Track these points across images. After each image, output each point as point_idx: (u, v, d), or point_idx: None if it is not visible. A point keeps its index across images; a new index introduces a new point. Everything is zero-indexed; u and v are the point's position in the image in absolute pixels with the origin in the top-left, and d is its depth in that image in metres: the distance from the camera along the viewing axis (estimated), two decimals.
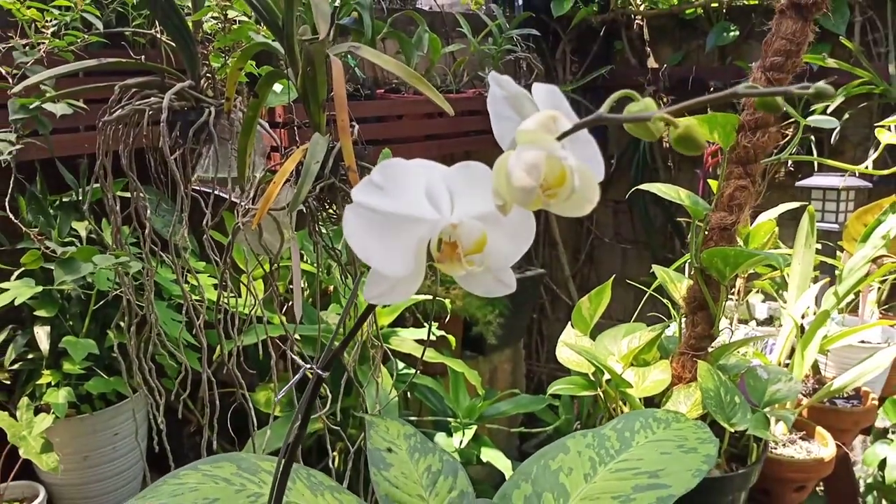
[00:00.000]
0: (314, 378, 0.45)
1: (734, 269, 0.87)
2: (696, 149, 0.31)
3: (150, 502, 0.58)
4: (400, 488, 0.73)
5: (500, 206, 0.33)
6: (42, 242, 1.07)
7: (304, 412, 0.45)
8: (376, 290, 0.36)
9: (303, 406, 0.46)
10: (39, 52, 1.14)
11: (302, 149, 0.83)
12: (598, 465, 0.73)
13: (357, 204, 0.35)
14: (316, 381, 0.45)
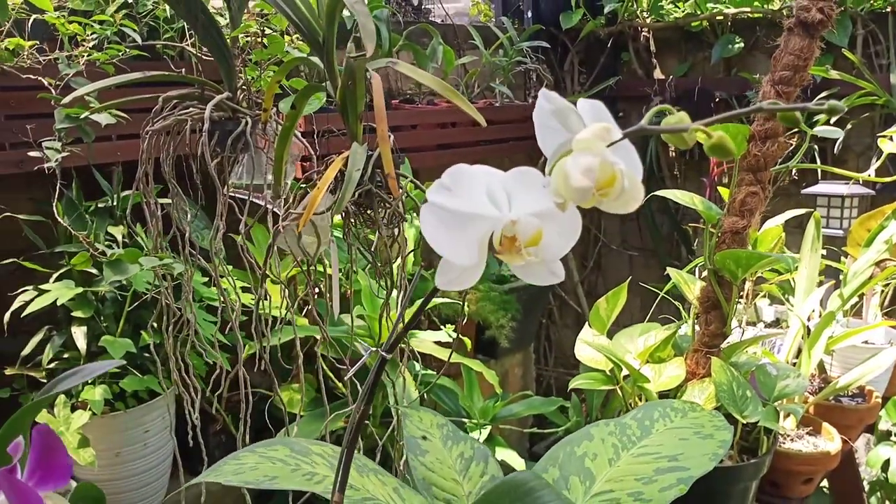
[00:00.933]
0: (378, 360, 0.51)
1: (746, 271, 0.92)
2: (727, 154, 0.37)
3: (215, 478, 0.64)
4: (436, 472, 0.79)
5: (559, 204, 0.38)
6: (91, 245, 1.12)
7: (370, 390, 0.51)
8: (446, 277, 0.42)
9: (368, 385, 0.51)
10: (81, 65, 1.20)
11: (341, 157, 0.89)
12: (621, 450, 0.78)
13: (430, 203, 0.41)
14: (380, 363, 0.51)
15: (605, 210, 0.40)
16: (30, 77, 1.25)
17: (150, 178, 1.08)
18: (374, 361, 0.51)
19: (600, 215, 2.89)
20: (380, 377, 0.51)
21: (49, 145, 1.10)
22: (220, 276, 1.17)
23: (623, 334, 1.12)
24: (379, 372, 0.51)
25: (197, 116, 1.07)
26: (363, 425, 1.31)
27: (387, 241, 0.93)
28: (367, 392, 0.51)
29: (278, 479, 0.63)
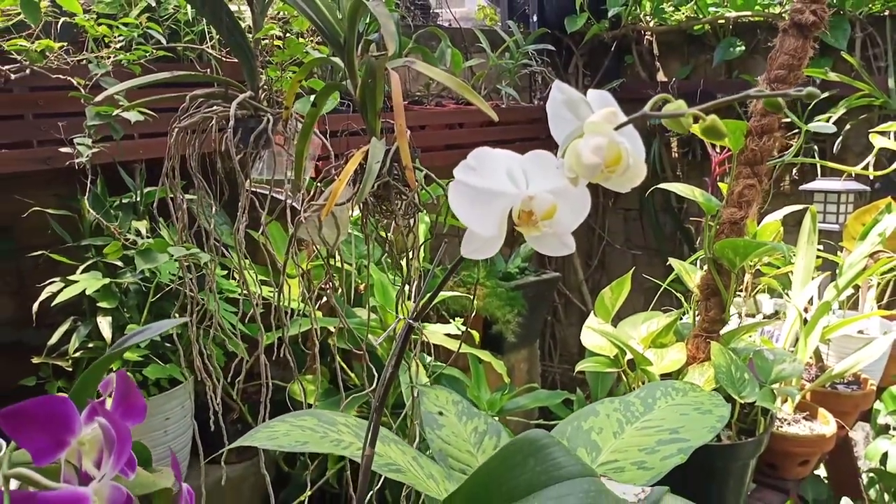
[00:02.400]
0: (406, 327, 0.56)
1: (744, 259, 0.97)
2: (720, 136, 0.42)
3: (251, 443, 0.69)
4: (451, 445, 0.84)
5: (571, 179, 0.44)
6: (122, 235, 1.18)
7: (400, 354, 0.56)
8: (471, 246, 0.47)
9: (396, 351, 0.56)
10: (109, 65, 1.26)
11: (361, 151, 0.94)
12: (626, 424, 0.83)
13: (457, 181, 0.46)
14: (407, 330, 0.56)
15: (611, 186, 0.45)
16: (59, 77, 1.30)
17: (176, 171, 1.14)
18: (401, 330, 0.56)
19: (605, 215, 2.94)
20: (407, 343, 0.57)
21: (80, 141, 1.15)
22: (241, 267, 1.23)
23: (626, 322, 1.17)
24: (406, 338, 0.56)
25: (222, 114, 1.13)
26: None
27: (403, 231, 0.98)
28: (397, 355, 0.56)
29: (309, 444, 0.68)
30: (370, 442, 0.57)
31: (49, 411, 0.36)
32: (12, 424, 0.35)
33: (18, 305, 1.63)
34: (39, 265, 1.59)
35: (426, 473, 0.74)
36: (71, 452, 0.37)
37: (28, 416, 0.35)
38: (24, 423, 0.35)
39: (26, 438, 0.35)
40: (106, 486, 0.35)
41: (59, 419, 0.36)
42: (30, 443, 0.35)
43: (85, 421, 0.37)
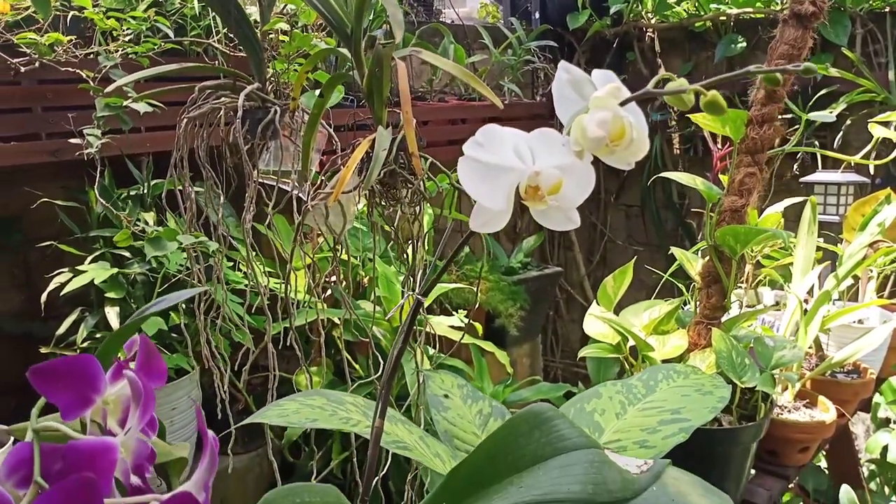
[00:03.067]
0: (415, 302, 0.58)
1: (745, 246, 0.98)
2: (720, 111, 0.44)
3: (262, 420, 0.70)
4: (457, 426, 0.85)
5: (577, 152, 0.45)
6: (132, 224, 1.20)
7: (409, 329, 0.58)
8: (480, 220, 0.49)
9: (405, 326, 0.58)
10: (118, 58, 1.27)
11: (367, 140, 0.96)
12: (628, 405, 0.84)
13: (466, 156, 0.48)
14: (416, 305, 0.58)
15: (615, 161, 0.47)
16: (68, 70, 1.32)
17: (185, 162, 1.15)
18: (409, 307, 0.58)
19: (607, 211, 2.95)
20: (416, 318, 0.58)
21: (90, 132, 1.17)
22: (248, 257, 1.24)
23: (628, 311, 1.18)
24: (415, 314, 0.58)
25: (230, 105, 1.14)
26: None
27: (409, 219, 1.00)
28: (406, 330, 0.58)
29: (318, 421, 0.70)
30: (380, 413, 0.59)
31: (76, 369, 0.37)
32: (42, 381, 0.36)
33: (26, 298, 1.65)
34: (46, 258, 1.61)
35: (433, 452, 0.76)
36: (96, 411, 0.39)
37: (56, 374, 0.37)
38: (53, 380, 0.37)
39: (55, 394, 0.37)
40: (132, 439, 0.36)
41: (85, 377, 0.37)
42: (58, 398, 0.37)
43: (110, 381, 0.39)
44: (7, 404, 1.53)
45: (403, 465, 1.71)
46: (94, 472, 0.31)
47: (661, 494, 0.59)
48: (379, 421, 0.59)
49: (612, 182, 2.93)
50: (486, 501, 0.56)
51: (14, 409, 1.53)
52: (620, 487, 0.57)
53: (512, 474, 0.57)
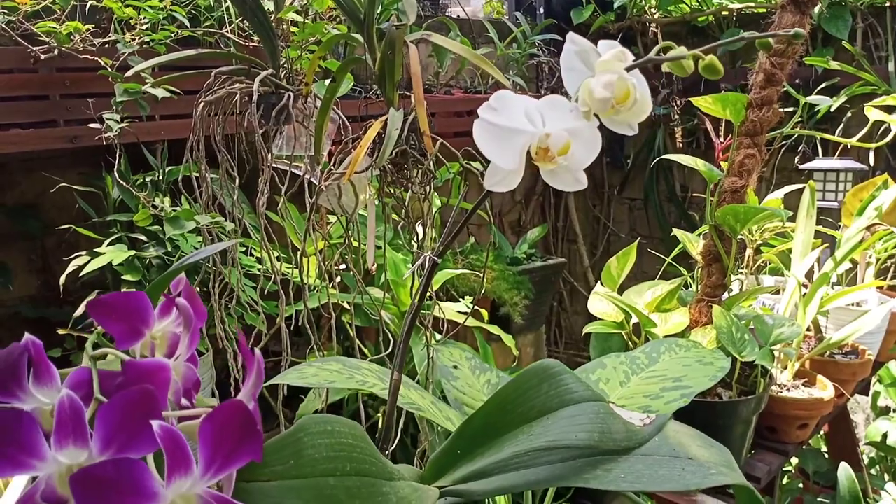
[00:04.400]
0: (430, 263, 0.61)
1: (744, 225, 1.02)
2: (717, 74, 0.47)
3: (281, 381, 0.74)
4: (466, 394, 0.89)
5: (585, 113, 0.49)
6: (150, 204, 1.23)
7: (426, 285, 0.61)
8: (493, 179, 0.52)
9: (421, 286, 0.61)
10: (136, 45, 1.31)
11: (379, 121, 1.00)
12: (631, 375, 0.88)
13: (481, 119, 0.51)
14: (431, 266, 0.61)
15: (618, 125, 0.50)
16: (86, 58, 1.36)
17: (201, 145, 1.19)
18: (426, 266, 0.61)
19: (610, 205, 2.98)
20: (431, 279, 0.62)
21: (109, 117, 1.21)
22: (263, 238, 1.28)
23: (632, 291, 1.22)
24: (430, 274, 0.61)
25: (245, 90, 1.18)
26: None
27: (419, 197, 1.03)
28: (423, 287, 0.61)
29: (336, 382, 0.74)
30: (398, 367, 0.62)
31: (128, 303, 0.41)
32: (98, 312, 0.40)
33: (43, 283, 1.69)
34: (62, 244, 1.65)
35: (444, 416, 0.79)
36: (144, 345, 0.42)
37: (111, 306, 0.40)
38: (108, 312, 0.40)
39: (110, 325, 0.40)
40: (181, 365, 0.40)
41: (136, 311, 0.41)
42: (113, 329, 0.40)
43: (158, 317, 0.42)
44: None
45: (409, 450, 1.74)
46: (152, 386, 0.35)
47: (663, 445, 0.62)
48: (397, 374, 0.62)
49: (615, 176, 2.96)
50: (498, 448, 0.60)
51: None
52: (625, 437, 0.60)
53: (522, 424, 0.61)
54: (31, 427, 0.32)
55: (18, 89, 1.41)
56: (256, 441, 0.33)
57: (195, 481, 0.32)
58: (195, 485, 0.32)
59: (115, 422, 0.33)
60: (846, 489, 1.25)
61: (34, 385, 0.37)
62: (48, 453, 0.33)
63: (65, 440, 0.33)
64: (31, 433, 0.32)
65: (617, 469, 0.59)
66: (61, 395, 0.33)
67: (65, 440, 0.33)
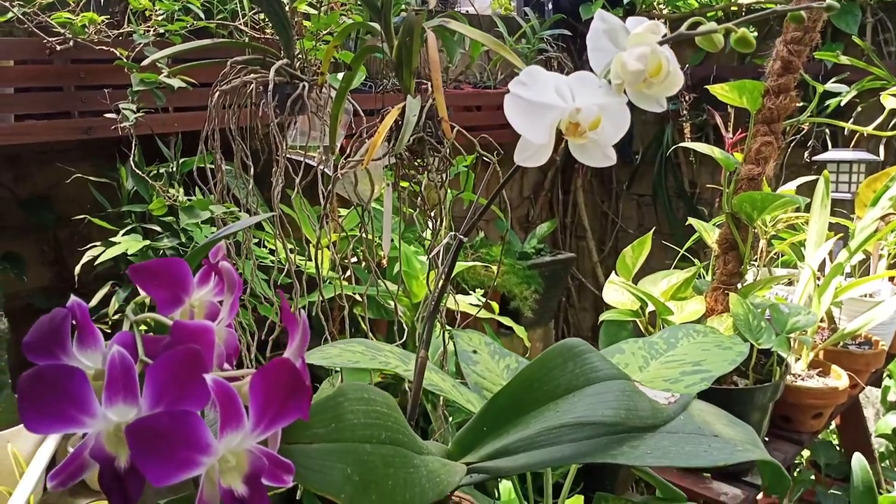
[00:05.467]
0: (456, 242, 0.61)
1: (761, 212, 1.02)
2: (750, 46, 0.47)
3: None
4: (486, 379, 0.89)
5: (617, 86, 0.49)
6: (166, 193, 1.24)
7: (451, 265, 0.61)
8: (523, 154, 0.53)
9: (447, 265, 0.62)
10: (151, 36, 1.32)
11: (396, 108, 1.00)
12: (650, 359, 0.88)
13: (512, 94, 0.52)
14: (457, 245, 0.61)
15: (649, 99, 0.51)
16: (102, 48, 1.36)
17: (216, 134, 1.19)
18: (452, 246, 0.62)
19: (619, 201, 2.99)
20: (457, 257, 0.62)
21: (126, 106, 1.21)
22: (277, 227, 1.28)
23: (646, 280, 1.22)
24: (456, 253, 0.62)
25: (260, 80, 1.19)
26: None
27: (436, 186, 1.04)
28: (448, 267, 0.61)
29: (360, 363, 0.74)
30: (424, 345, 0.63)
31: (169, 270, 0.41)
32: (141, 277, 0.40)
33: (56, 274, 1.70)
34: (75, 235, 1.66)
35: (465, 399, 0.80)
36: (184, 312, 0.43)
37: (152, 272, 0.41)
38: (150, 277, 0.41)
39: (152, 290, 0.41)
40: (223, 330, 0.40)
41: (177, 278, 0.41)
42: (155, 294, 0.40)
43: (197, 285, 0.43)
44: None
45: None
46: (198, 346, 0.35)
47: (688, 423, 0.62)
48: (423, 352, 0.62)
49: (624, 171, 2.96)
50: (525, 425, 0.60)
51: None
52: (650, 414, 0.61)
53: (548, 401, 0.61)
54: (83, 383, 0.33)
55: (33, 80, 1.42)
56: (305, 398, 0.34)
57: (246, 436, 0.32)
58: (245, 439, 0.32)
59: (165, 379, 0.33)
60: (860, 479, 1.25)
61: (78, 348, 0.37)
62: (99, 410, 0.33)
63: (115, 396, 0.33)
64: (82, 389, 0.33)
65: (643, 446, 0.59)
66: (112, 352, 0.33)
67: (115, 396, 0.33)
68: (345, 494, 0.39)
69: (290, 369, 0.33)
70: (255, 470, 0.33)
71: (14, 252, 1.56)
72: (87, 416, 0.33)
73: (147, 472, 0.30)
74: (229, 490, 0.32)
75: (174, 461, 0.30)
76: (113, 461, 0.33)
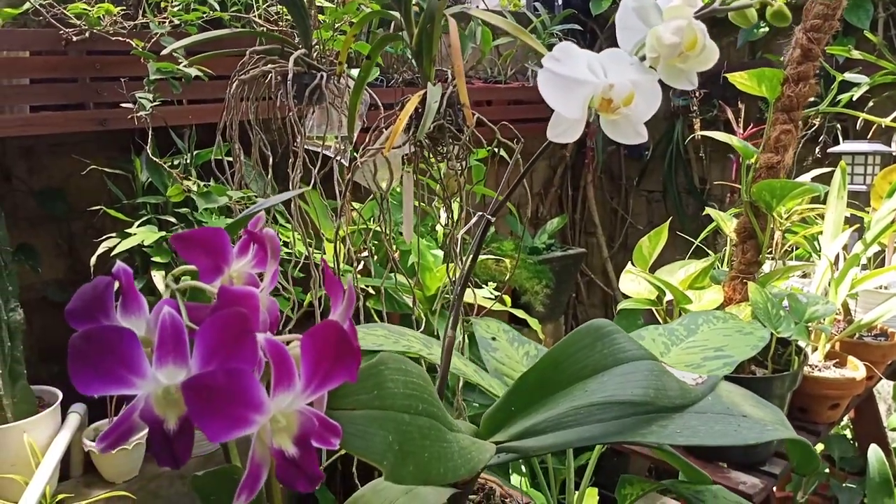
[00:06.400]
0: (484, 221, 0.61)
1: (780, 201, 1.02)
2: (786, 20, 0.47)
3: None
4: (505, 365, 0.89)
5: (653, 59, 0.49)
6: (183, 180, 1.24)
7: (478, 246, 0.61)
8: (557, 130, 0.53)
9: (476, 242, 0.62)
10: (167, 26, 1.32)
11: (417, 96, 1.00)
12: (671, 346, 0.88)
13: (546, 69, 0.52)
14: (485, 225, 0.61)
15: (684, 71, 0.50)
16: (118, 39, 1.36)
17: (235, 123, 1.20)
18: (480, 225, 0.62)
19: (628, 197, 2.98)
20: (485, 237, 0.62)
21: (142, 96, 1.22)
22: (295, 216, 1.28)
23: (663, 270, 1.22)
24: (484, 232, 0.62)
25: (279, 70, 1.19)
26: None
27: (456, 173, 1.04)
28: (476, 247, 0.61)
29: (384, 346, 0.74)
30: (452, 325, 0.63)
31: (210, 239, 0.41)
32: (182, 246, 0.41)
33: (69, 266, 1.70)
34: (89, 228, 1.66)
35: (486, 383, 0.80)
36: (223, 282, 0.43)
37: (194, 241, 0.41)
38: (191, 246, 0.41)
39: (194, 259, 0.41)
40: (266, 297, 0.40)
41: (217, 247, 0.41)
42: (197, 262, 0.41)
43: (237, 255, 0.43)
44: (50, 370, 1.58)
45: None
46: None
47: (717, 403, 0.62)
48: (451, 331, 0.62)
49: (633, 168, 2.96)
50: (553, 404, 0.60)
51: (56, 374, 1.58)
52: (679, 394, 0.61)
53: (576, 381, 0.61)
54: (133, 344, 0.33)
55: (49, 71, 1.42)
56: (353, 360, 0.34)
57: (297, 396, 0.32)
58: (296, 399, 0.33)
59: (214, 340, 0.33)
60: (876, 471, 1.25)
61: (122, 315, 0.37)
62: (149, 371, 0.33)
63: (165, 358, 0.33)
64: (133, 350, 0.33)
65: (672, 425, 0.59)
66: (162, 314, 0.33)
67: (165, 358, 0.33)
68: (387, 462, 0.39)
69: (339, 331, 0.33)
70: (305, 431, 0.33)
71: (28, 244, 1.56)
72: (138, 377, 0.33)
73: (203, 427, 0.30)
74: (280, 450, 0.32)
75: (229, 418, 0.30)
76: (162, 423, 0.33)
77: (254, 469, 0.33)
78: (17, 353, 1.37)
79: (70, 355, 0.33)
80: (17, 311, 1.38)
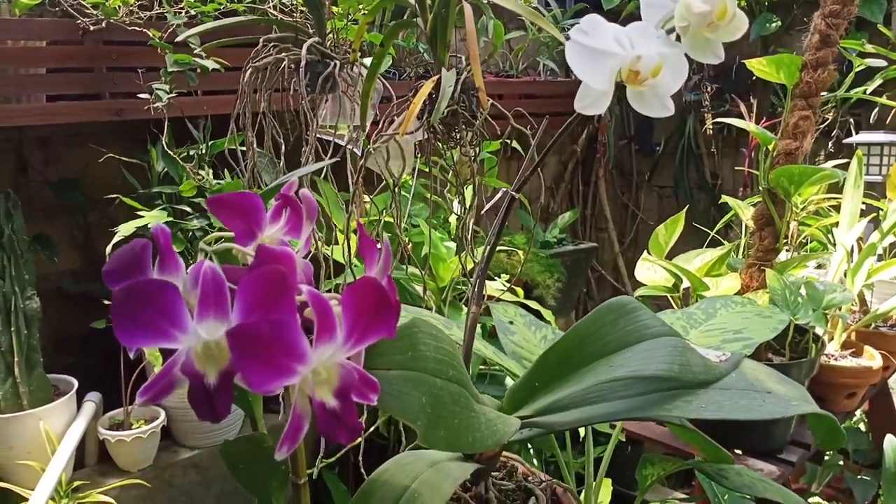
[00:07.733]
0: (508, 198, 0.62)
1: (798, 187, 1.01)
2: None
3: None
4: (523, 348, 0.89)
5: (682, 27, 0.49)
6: (196, 175, 1.25)
7: (501, 224, 0.61)
8: (584, 101, 0.53)
9: (498, 223, 0.62)
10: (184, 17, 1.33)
11: (431, 81, 1.00)
12: (690, 329, 0.88)
13: (573, 41, 0.52)
14: (509, 201, 0.62)
15: (713, 41, 0.50)
16: (134, 30, 1.37)
17: (248, 112, 1.20)
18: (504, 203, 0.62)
19: (639, 193, 2.98)
20: (508, 215, 0.62)
21: (159, 86, 1.22)
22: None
23: (679, 259, 1.22)
24: (508, 210, 0.62)
25: (293, 58, 1.19)
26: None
27: (470, 159, 1.04)
28: (499, 227, 0.62)
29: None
30: (475, 302, 0.63)
31: (244, 203, 0.41)
32: (218, 208, 0.41)
33: (85, 257, 1.71)
34: (104, 219, 1.67)
35: (507, 364, 0.80)
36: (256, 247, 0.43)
37: (228, 204, 0.41)
38: (226, 209, 0.41)
39: (229, 221, 0.41)
40: (301, 259, 0.41)
41: (251, 211, 0.42)
42: (232, 225, 0.41)
43: (270, 221, 0.43)
44: (65, 360, 1.59)
45: None
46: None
47: (741, 380, 0.62)
48: (475, 308, 0.62)
49: (644, 163, 2.95)
50: (577, 380, 0.60)
51: (71, 364, 1.59)
52: (703, 370, 0.60)
53: (600, 357, 0.61)
54: (175, 298, 0.33)
55: (65, 61, 1.43)
56: (392, 315, 0.34)
57: (338, 348, 0.33)
58: (337, 352, 0.33)
59: (255, 296, 0.33)
60: (892, 461, 1.24)
61: (159, 274, 0.38)
62: (190, 325, 0.33)
63: (206, 312, 0.33)
64: (174, 303, 0.33)
65: (697, 400, 0.59)
66: (203, 269, 0.33)
67: (206, 312, 0.33)
68: (420, 423, 0.39)
69: (378, 286, 0.33)
70: (346, 384, 0.33)
71: (44, 234, 1.57)
72: (179, 330, 0.33)
73: (247, 376, 0.30)
74: (321, 402, 0.32)
75: (272, 367, 0.30)
76: (202, 378, 0.34)
77: (295, 420, 0.33)
78: (33, 341, 1.38)
79: (113, 309, 0.33)
80: (34, 299, 1.39)
